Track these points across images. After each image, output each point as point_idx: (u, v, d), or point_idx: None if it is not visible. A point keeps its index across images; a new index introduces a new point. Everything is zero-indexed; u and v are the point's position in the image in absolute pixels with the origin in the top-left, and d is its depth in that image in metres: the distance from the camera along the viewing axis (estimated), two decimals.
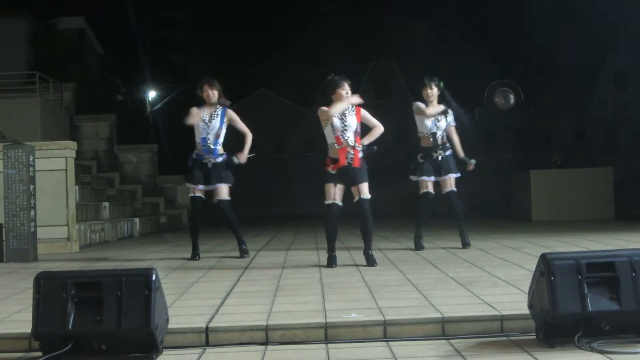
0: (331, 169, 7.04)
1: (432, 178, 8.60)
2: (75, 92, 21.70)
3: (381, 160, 7.55)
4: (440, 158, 8.57)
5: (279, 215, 29.82)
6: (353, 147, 7.02)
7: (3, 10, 26.57)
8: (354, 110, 7.11)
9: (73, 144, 11.22)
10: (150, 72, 43.11)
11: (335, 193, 7.05)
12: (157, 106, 39.09)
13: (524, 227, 13.18)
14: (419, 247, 8.67)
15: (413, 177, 8.68)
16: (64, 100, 21.09)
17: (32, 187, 9.47)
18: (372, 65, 43.99)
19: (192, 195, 8.29)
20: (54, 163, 10.67)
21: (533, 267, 4.23)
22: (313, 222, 15.74)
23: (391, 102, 40.58)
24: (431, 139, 8.58)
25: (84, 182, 15.36)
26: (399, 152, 39.24)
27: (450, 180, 8.64)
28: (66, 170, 10.76)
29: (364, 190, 7.08)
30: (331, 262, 7.12)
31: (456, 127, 8.84)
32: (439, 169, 8.58)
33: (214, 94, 8.26)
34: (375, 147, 7.25)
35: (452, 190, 8.67)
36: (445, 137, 8.66)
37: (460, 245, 8.69)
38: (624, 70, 40.63)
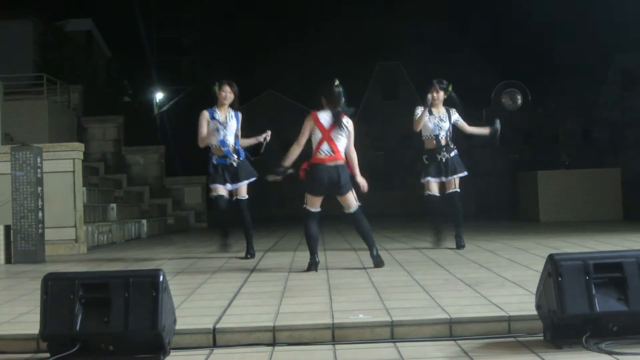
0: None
1: (438, 179, 8.60)
2: (83, 93, 21.75)
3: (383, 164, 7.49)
4: (444, 159, 8.57)
5: (286, 216, 29.81)
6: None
7: (11, 12, 26.68)
8: None
9: (80, 146, 11.24)
10: (158, 73, 43.26)
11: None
12: (165, 107, 39.16)
13: (532, 228, 13.15)
14: (459, 245, 8.63)
15: (422, 180, 8.68)
16: (71, 102, 21.14)
17: (39, 188, 9.50)
18: (379, 66, 43.98)
19: (215, 195, 8.26)
20: (62, 165, 10.69)
21: (540, 268, 4.22)
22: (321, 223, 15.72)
23: (398, 103, 40.58)
24: (434, 141, 8.59)
25: (91, 183, 15.40)
26: (406, 153, 39.28)
27: (455, 181, 8.64)
28: (74, 171, 10.78)
29: (352, 200, 6.95)
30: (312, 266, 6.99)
31: (465, 120, 8.81)
32: (445, 170, 8.58)
33: (230, 96, 8.27)
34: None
35: (456, 191, 8.66)
36: (449, 138, 8.64)
37: (454, 247, 8.66)
38: (632, 71, 40.49)
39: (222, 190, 8.24)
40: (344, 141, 6.85)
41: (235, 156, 8.26)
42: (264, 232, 14.83)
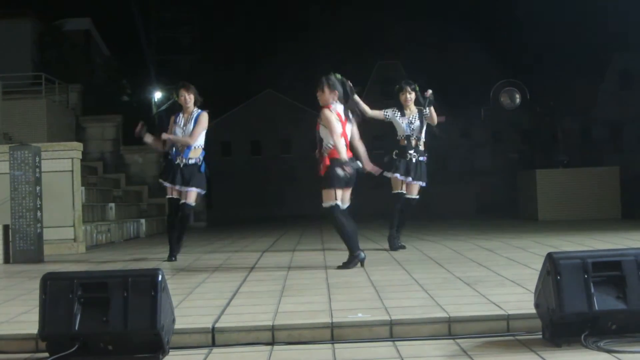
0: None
1: (404, 178, 8.55)
2: (81, 93, 21.76)
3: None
4: (414, 160, 8.55)
5: (285, 215, 29.83)
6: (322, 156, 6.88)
7: (9, 11, 26.66)
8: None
9: (79, 145, 11.24)
10: (156, 73, 43.23)
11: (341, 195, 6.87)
12: (163, 107, 39.06)
13: (530, 227, 13.16)
14: (393, 247, 8.59)
15: (387, 174, 8.54)
16: (69, 102, 21.14)
17: (38, 188, 9.49)
18: (377, 65, 43.99)
19: (169, 196, 8.40)
20: (60, 164, 10.68)
21: (539, 266, 4.22)
22: (320, 222, 15.72)
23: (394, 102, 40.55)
24: (405, 141, 8.57)
25: (90, 183, 15.40)
26: None
27: (417, 187, 8.65)
28: (72, 171, 10.78)
29: (347, 197, 6.93)
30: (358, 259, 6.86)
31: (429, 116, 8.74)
32: (413, 172, 8.53)
33: (190, 98, 8.28)
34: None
35: (416, 199, 8.69)
36: (420, 141, 8.59)
37: (387, 247, 8.66)
38: (630, 70, 40.54)
39: (174, 192, 8.29)
40: (350, 134, 6.92)
41: (184, 160, 8.22)
42: (263, 231, 14.82)
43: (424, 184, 8.68)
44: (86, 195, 13.14)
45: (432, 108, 8.44)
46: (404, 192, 8.60)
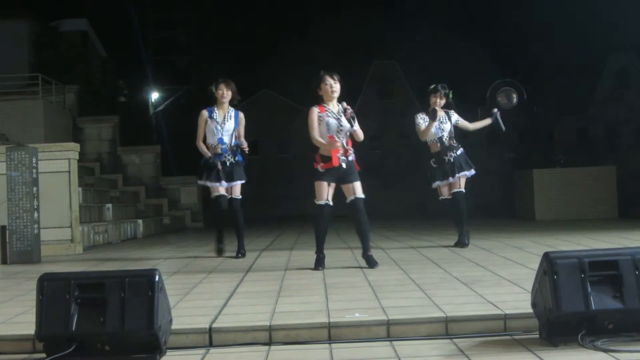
0: (320, 167, 6.82)
1: (446, 181, 8.72)
2: (78, 94, 21.73)
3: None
4: (452, 160, 8.66)
5: (282, 215, 29.83)
6: (345, 149, 6.89)
7: (6, 12, 26.61)
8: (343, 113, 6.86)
9: (76, 146, 11.23)
10: (153, 73, 43.20)
11: (327, 192, 6.86)
12: (160, 107, 39.14)
13: (527, 226, 13.17)
14: (462, 244, 8.68)
15: (432, 185, 8.80)
16: (66, 102, 21.11)
17: (35, 189, 9.49)
18: (374, 66, 43.97)
19: (217, 194, 8.33)
20: (57, 165, 10.67)
21: (536, 266, 4.23)
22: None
23: (394, 102, 40.59)
24: (439, 144, 8.67)
25: (87, 183, 15.38)
26: (402, 152, 39.30)
27: (461, 182, 8.73)
28: (69, 172, 10.76)
29: (359, 189, 6.91)
30: (320, 264, 6.91)
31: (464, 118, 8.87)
32: (451, 170, 8.66)
33: (228, 94, 8.30)
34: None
35: (461, 192, 8.73)
36: (452, 139, 8.70)
37: (458, 244, 8.69)
38: (626, 69, 40.59)
39: (221, 189, 8.29)
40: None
41: (230, 156, 8.27)
42: (261, 231, 14.82)
43: (469, 173, 8.75)
44: (83, 196, 13.12)
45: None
46: (449, 197, 8.76)
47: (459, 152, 8.73)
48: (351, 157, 6.92)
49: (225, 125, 8.27)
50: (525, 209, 16.75)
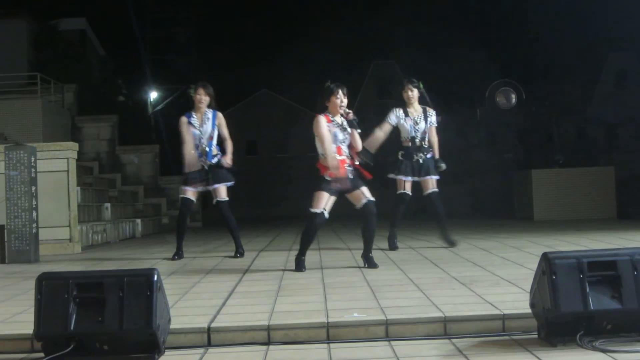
0: (328, 175, 6.69)
1: (410, 178, 8.57)
2: (77, 93, 21.72)
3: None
4: (421, 161, 8.55)
5: (280, 215, 29.82)
6: (351, 159, 6.87)
7: (4, 11, 26.59)
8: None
9: (75, 145, 11.22)
10: (152, 72, 43.20)
11: (326, 203, 6.73)
12: (159, 107, 39.11)
13: (526, 227, 13.17)
14: (392, 247, 8.67)
15: (391, 175, 8.62)
16: (65, 102, 21.10)
17: (33, 188, 9.48)
18: (373, 65, 43.99)
19: (182, 196, 8.44)
20: (56, 164, 10.66)
21: (535, 266, 4.23)
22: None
23: (393, 102, 40.58)
24: (410, 143, 8.56)
25: (85, 183, 15.37)
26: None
27: (432, 181, 8.61)
28: (68, 171, 10.76)
29: (368, 192, 6.86)
30: (301, 266, 6.86)
31: (437, 128, 8.77)
32: (419, 170, 8.55)
33: (205, 99, 8.34)
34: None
35: (434, 192, 8.64)
36: (425, 140, 8.57)
37: (446, 245, 8.70)
38: (625, 70, 40.64)
39: (190, 193, 8.38)
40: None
41: (207, 160, 8.28)
42: (259, 231, 14.81)
43: (436, 177, 8.66)
44: (82, 195, 13.12)
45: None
46: (409, 192, 8.62)
47: (428, 155, 8.60)
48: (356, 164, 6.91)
49: (203, 129, 8.31)
50: (524, 209, 16.77)
